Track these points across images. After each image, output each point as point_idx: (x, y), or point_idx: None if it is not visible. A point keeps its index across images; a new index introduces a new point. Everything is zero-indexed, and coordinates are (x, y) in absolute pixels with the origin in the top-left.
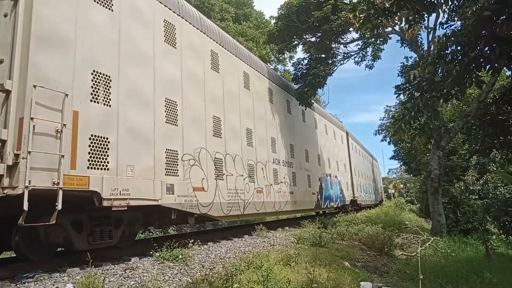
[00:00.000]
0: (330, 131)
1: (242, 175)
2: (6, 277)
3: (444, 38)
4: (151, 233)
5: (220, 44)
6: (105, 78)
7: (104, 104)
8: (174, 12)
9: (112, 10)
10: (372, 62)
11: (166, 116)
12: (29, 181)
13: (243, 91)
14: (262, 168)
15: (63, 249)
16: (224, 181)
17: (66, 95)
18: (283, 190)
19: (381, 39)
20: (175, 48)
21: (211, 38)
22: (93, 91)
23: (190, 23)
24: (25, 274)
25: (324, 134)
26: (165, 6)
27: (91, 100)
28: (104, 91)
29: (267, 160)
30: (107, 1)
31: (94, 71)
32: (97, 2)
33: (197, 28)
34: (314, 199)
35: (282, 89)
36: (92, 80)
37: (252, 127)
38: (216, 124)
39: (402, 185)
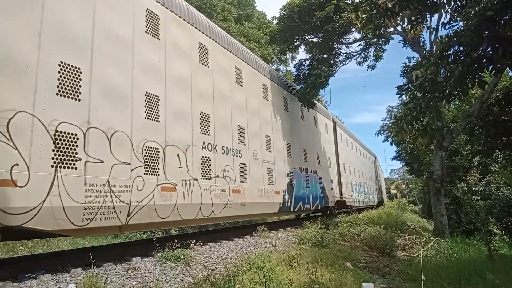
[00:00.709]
0: (308, 116)
1: (129, 163)
2: (8, 277)
3: (447, 39)
4: (153, 233)
5: None
6: None
7: None
8: None
9: None
10: (374, 62)
11: None
12: None
13: (144, 37)
14: (177, 155)
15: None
16: (78, 171)
17: None
18: (220, 188)
19: (383, 40)
20: None
21: None
22: None
23: None
24: (27, 274)
25: (298, 119)
26: None
27: None
28: None
29: (189, 144)
30: None
31: None
32: None
33: None
34: (279, 200)
35: (226, 49)
36: None
37: (159, 93)
38: (66, 78)
39: (404, 186)
